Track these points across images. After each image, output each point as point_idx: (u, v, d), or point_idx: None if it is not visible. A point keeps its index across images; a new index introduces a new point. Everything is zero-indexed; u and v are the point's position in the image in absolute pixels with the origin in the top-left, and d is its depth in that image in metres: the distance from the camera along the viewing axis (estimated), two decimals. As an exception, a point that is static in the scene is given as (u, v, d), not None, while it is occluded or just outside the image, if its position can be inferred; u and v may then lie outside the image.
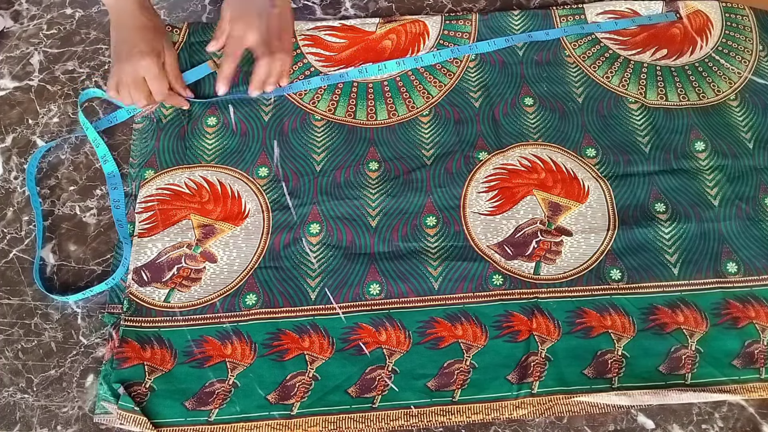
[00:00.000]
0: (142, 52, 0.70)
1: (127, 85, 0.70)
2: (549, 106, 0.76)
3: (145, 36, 0.71)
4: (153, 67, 0.70)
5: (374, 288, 0.65)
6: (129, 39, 0.71)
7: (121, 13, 0.72)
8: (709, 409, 0.60)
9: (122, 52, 0.71)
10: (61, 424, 0.59)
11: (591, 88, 0.78)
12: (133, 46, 0.70)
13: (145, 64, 0.70)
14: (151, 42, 0.71)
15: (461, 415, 0.59)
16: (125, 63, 0.70)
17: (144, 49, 0.70)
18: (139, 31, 0.71)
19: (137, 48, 0.70)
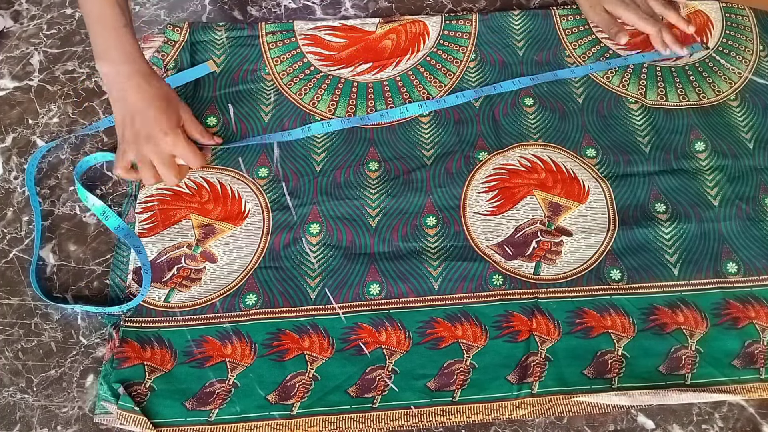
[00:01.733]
0: (164, 130, 0.64)
1: (150, 164, 0.65)
2: (549, 106, 0.76)
3: (160, 109, 0.65)
4: (180, 142, 0.64)
5: (374, 288, 0.65)
6: (142, 116, 0.64)
7: (118, 84, 0.65)
8: (709, 409, 0.60)
9: (137, 132, 0.64)
10: (61, 424, 0.59)
11: (591, 88, 0.78)
12: (150, 126, 0.64)
13: (171, 140, 0.64)
14: (168, 115, 0.65)
15: (461, 415, 0.59)
16: (144, 144, 0.64)
17: (165, 126, 0.64)
18: (152, 105, 0.64)
19: (157, 127, 0.64)
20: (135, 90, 0.64)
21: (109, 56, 0.64)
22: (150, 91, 0.65)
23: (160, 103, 0.65)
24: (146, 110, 0.64)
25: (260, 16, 0.85)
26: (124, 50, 0.64)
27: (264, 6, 0.86)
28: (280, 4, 0.86)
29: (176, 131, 0.65)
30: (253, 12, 0.85)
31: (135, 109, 0.64)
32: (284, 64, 0.80)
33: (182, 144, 0.65)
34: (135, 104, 0.64)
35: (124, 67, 0.64)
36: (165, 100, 0.66)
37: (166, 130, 0.64)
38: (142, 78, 0.65)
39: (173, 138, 0.64)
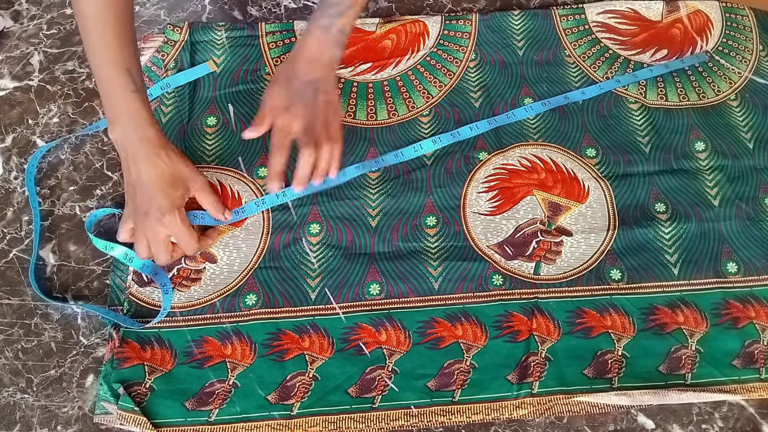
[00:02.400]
0: (161, 210, 0.62)
1: (144, 239, 0.63)
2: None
3: (160, 188, 0.62)
4: (176, 224, 0.62)
5: (374, 288, 0.65)
6: (142, 192, 0.62)
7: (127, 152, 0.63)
8: (709, 409, 0.60)
9: (137, 206, 0.63)
10: (61, 424, 0.59)
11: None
12: (151, 201, 0.62)
13: (167, 222, 0.62)
14: (169, 194, 0.63)
15: (461, 415, 0.59)
16: (141, 220, 0.62)
17: (163, 207, 0.62)
18: (154, 183, 0.62)
19: (155, 203, 0.62)
20: (141, 162, 0.62)
21: (119, 122, 0.63)
22: (155, 167, 0.63)
23: (162, 182, 0.63)
24: (147, 187, 0.62)
25: (260, 16, 0.85)
26: (132, 117, 0.62)
27: (264, 6, 0.86)
28: (280, 4, 0.86)
29: (173, 213, 0.62)
30: (253, 12, 0.85)
31: (137, 183, 0.63)
32: (284, 64, 0.80)
33: (178, 227, 0.62)
34: (137, 179, 0.63)
35: (133, 135, 0.62)
36: (169, 178, 0.63)
37: (164, 211, 0.62)
38: (151, 149, 0.63)
39: (169, 220, 0.62)
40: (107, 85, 0.62)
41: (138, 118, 0.62)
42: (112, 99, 0.62)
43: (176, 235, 0.63)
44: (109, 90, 0.62)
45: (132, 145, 0.63)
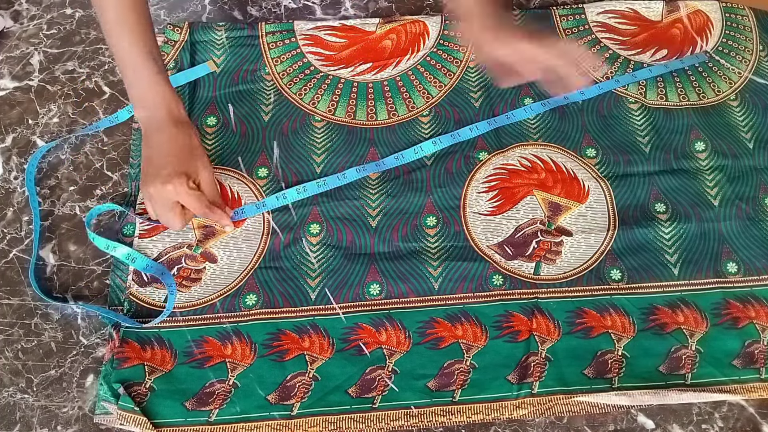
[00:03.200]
0: (169, 175, 0.62)
1: (159, 209, 0.64)
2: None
3: (174, 156, 0.63)
4: (181, 188, 0.62)
5: (374, 288, 0.65)
6: (155, 159, 0.63)
7: (151, 127, 0.65)
8: (709, 409, 0.60)
9: (148, 173, 0.63)
10: (61, 424, 0.59)
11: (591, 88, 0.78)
12: (160, 168, 0.63)
13: (173, 187, 0.62)
14: (178, 164, 0.63)
15: (461, 415, 0.59)
16: (150, 186, 0.63)
17: (170, 171, 0.62)
18: (170, 151, 0.64)
19: (164, 170, 0.62)
20: (163, 133, 0.64)
21: (144, 103, 0.65)
22: (175, 138, 0.64)
23: (177, 151, 0.64)
24: (162, 153, 0.63)
25: (260, 16, 0.85)
26: (158, 98, 0.64)
27: (264, 6, 0.86)
28: (280, 4, 0.86)
29: (181, 179, 0.62)
30: (253, 12, 0.85)
31: (153, 150, 0.64)
32: (284, 64, 0.80)
33: (186, 193, 0.63)
34: (154, 146, 0.64)
35: (159, 113, 0.64)
36: (186, 151, 0.64)
37: (173, 174, 0.62)
38: (174, 125, 0.64)
39: (176, 185, 0.62)
40: (131, 69, 0.64)
41: (164, 99, 0.64)
42: (137, 82, 0.64)
43: (185, 200, 0.63)
44: (134, 74, 0.64)
45: (156, 122, 0.64)
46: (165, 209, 0.64)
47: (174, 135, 0.64)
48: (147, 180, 0.64)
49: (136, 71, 0.64)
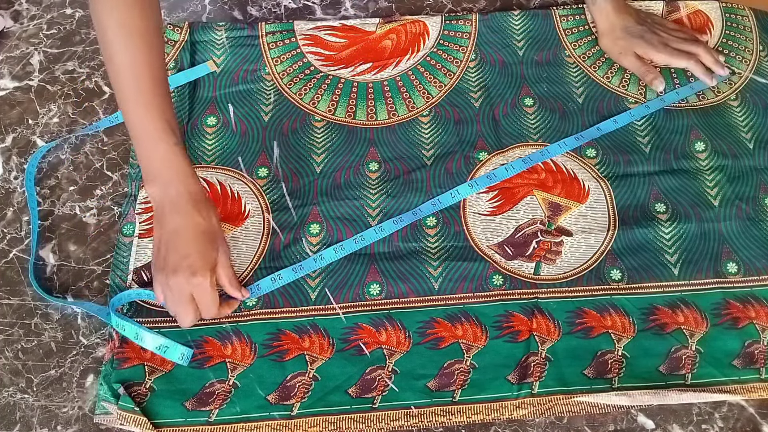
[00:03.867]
0: (193, 266, 0.58)
1: (174, 301, 0.60)
2: (549, 106, 0.76)
3: (195, 247, 0.59)
4: (204, 286, 0.58)
5: (374, 288, 0.65)
6: (173, 245, 0.59)
7: (165, 206, 0.59)
8: (709, 409, 0.60)
9: (166, 260, 0.59)
10: (61, 424, 0.59)
11: (591, 88, 0.78)
12: (181, 258, 0.58)
13: (196, 282, 0.58)
14: (202, 255, 0.59)
15: (461, 416, 0.59)
16: (171, 275, 0.58)
17: (193, 263, 0.58)
18: (189, 240, 0.59)
19: (188, 260, 0.58)
20: (179, 217, 0.59)
21: (159, 176, 0.60)
22: (194, 223, 0.59)
23: (197, 240, 0.59)
24: (181, 243, 0.59)
25: (260, 16, 0.85)
26: (175, 171, 0.59)
27: (264, 6, 0.86)
28: (280, 4, 0.86)
29: (206, 275, 0.58)
30: (253, 12, 0.85)
31: (170, 238, 0.59)
32: (284, 64, 0.80)
33: (206, 291, 0.59)
34: (171, 233, 0.59)
35: (174, 189, 0.59)
36: (205, 237, 0.60)
37: (196, 270, 0.58)
38: (192, 204, 0.59)
39: (200, 281, 0.58)
40: (146, 138, 0.59)
41: (181, 172, 0.60)
42: (152, 152, 0.59)
43: (201, 297, 0.59)
44: (149, 143, 0.59)
45: (171, 200, 0.59)
46: (181, 302, 0.59)
47: (193, 217, 0.59)
48: (165, 268, 0.58)
49: (152, 142, 0.58)
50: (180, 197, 0.59)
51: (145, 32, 0.57)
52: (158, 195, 0.60)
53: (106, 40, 0.57)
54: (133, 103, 0.58)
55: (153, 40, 0.58)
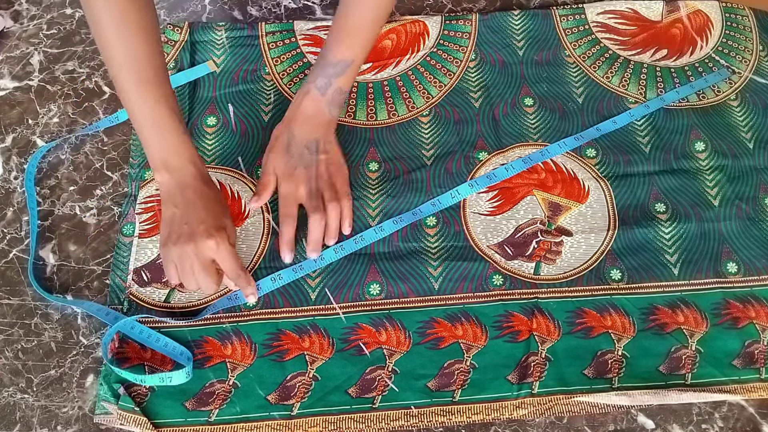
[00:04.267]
0: (208, 229, 0.58)
1: (192, 269, 0.59)
2: (549, 106, 0.77)
3: (207, 209, 0.59)
4: (223, 243, 0.59)
5: (374, 288, 0.65)
6: (185, 216, 0.59)
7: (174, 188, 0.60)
8: (709, 409, 0.60)
9: (178, 232, 0.58)
10: (61, 424, 0.59)
11: (591, 88, 0.78)
12: (195, 224, 0.58)
13: (213, 243, 0.58)
14: (216, 218, 0.59)
15: (461, 415, 0.59)
16: (186, 243, 0.58)
17: (210, 225, 0.58)
18: (201, 205, 0.59)
19: (202, 226, 0.58)
20: (190, 190, 0.60)
21: (169, 166, 0.60)
22: (205, 193, 0.60)
23: (210, 204, 0.60)
24: (195, 209, 0.59)
25: (260, 16, 0.85)
26: (185, 158, 0.60)
27: (264, 6, 0.86)
28: (280, 4, 0.86)
29: (222, 234, 0.59)
30: (253, 12, 0.85)
31: (180, 209, 0.59)
32: (284, 64, 0.80)
33: (225, 248, 0.59)
34: (182, 204, 0.59)
35: (182, 174, 0.60)
36: (219, 207, 0.61)
37: (211, 231, 0.58)
38: (202, 182, 0.61)
39: (217, 240, 0.58)
40: (154, 128, 0.59)
41: (191, 159, 0.60)
42: (161, 142, 0.59)
43: (222, 257, 0.59)
44: (157, 133, 0.59)
45: (182, 181, 0.60)
46: (199, 269, 0.59)
47: (205, 191, 0.60)
48: (177, 238, 0.59)
49: (160, 132, 0.59)
50: (192, 178, 0.60)
51: (142, 24, 0.58)
52: (169, 180, 0.60)
53: (103, 35, 0.57)
54: (137, 93, 0.58)
55: (150, 31, 0.58)
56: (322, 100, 0.67)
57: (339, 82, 0.67)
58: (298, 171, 0.67)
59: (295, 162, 0.67)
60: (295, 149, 0.67)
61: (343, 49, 0.66)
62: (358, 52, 0.67)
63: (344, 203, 0.67)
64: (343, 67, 0.66)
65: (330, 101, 0.68)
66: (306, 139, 0.67)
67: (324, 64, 0.67)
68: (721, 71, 0.79)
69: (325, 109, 0.68)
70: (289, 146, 0.67)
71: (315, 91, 0.67)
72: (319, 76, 0.68)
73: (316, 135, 0.67)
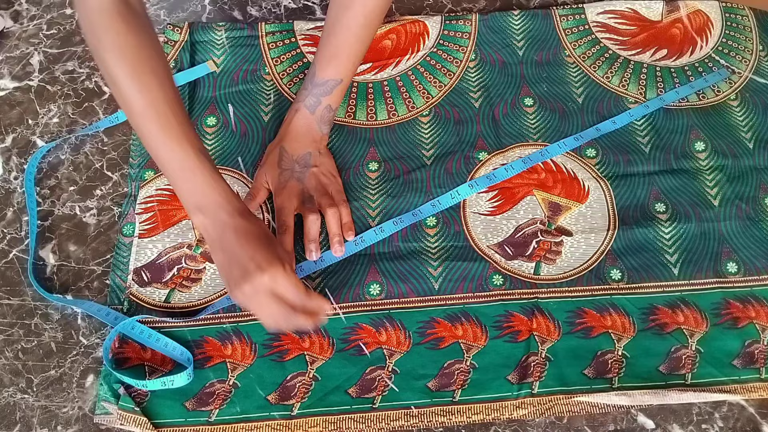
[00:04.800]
0: (259, 264, 0.55)
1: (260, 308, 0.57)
2: (549, 106, 0.77)
3: (254, 245, 0.56)
4: (278, 273, 0.55)
5: (374, 288, 0.65)
6: (235, 258, 0.56)
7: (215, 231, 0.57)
8: (709, 409, 0.60)
9: (234, 276, 0.56)
10: (61, 424, 0.59)
11: (591, 88, 0.78)
12: (246, 263, 0.55)
13: (268, 276, 0.55)
14: (265, 251, 0.56)
15: (461, 416, 0.59)
16: (246, 284, 0.55)
17: (260, 260, 0.55)
18: (247, 243, 0.56)
19: (252, 263, 0.55)
20: (230, 231, 0.57)
21: (204, 206, 0.57)
22: (247, 229, 0.57)
23: (253, 238, 0.57)
24: (241, 249, 0.56)
25: (260, 16, 0.85)
26: (219, 199, 0.57)
27: (264, 6, 0.86)
28: (280, 4, 0.86)
29: (275, 265, 0.55)
30: (253, 12, 0.85)
31: (227, 253, 0.57)
32: (284, 64, 0.80)
33: (282, 277, 0.55)
34: (228, 247, 0.57)
35: (217, 214, 0.57)
36: (264, 239, 0.57)
37: (263, 265, 0.55)
38: (237, 218, 0.57)
39: (271, 273, 0.55)
40: (183, 171, 0.57)
41: (225, 199, 0.57)
42: (192, 184, 0.57)
43: (283, 288, 0.56)
44: (187, 176, 0.57)
45: (222, 223, 0.57)
46: (265, 306, 0.56)
47: (245, 227, 0.57)
48: (236, 282, 0.56)
49: (190, 174, 0.57)
50: (228, 216, 0.57)
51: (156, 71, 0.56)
52: (208, 223, 0.58)
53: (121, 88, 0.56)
54: (161, 140, 0.57)
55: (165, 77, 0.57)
56: (312, 118, 0.70)
57: (328, 101, 0.69)
58: (290, 183, 0.68)
59: (287, 175, 0.68)
60: (287, 164, 0.68)
61: (330, 69, 0.68)
62: (345, 71, 0.69)
63: (342, 209, 0.68)
64: (331, 87, 0.68)
65: (320, 119, 0.70)
66: (297, 154, 0.69)
67: (313, 83, 0.69)
68: (720, 71, 0.79)
69: (316, 126, 0.70)
70: (281, 160, 0.69)
71: (304, 110, 0.70)
72: (309, 95, 0.70)
73: (308, 149, 0.69)
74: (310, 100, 0.69)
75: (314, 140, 0.70)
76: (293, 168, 0.68)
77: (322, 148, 0.70)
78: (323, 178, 0.69)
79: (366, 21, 0.66)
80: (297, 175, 0.68)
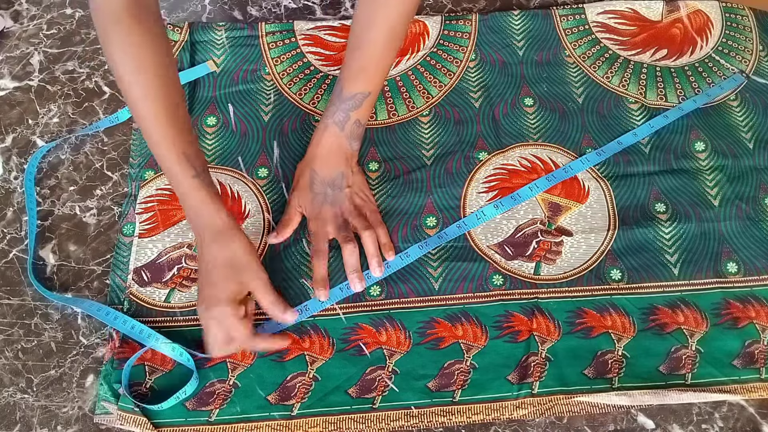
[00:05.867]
0: (212, 298, 0.59)
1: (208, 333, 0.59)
2: (549, 106, 0.77)
3: (220, 276, 0.59)
4: (225, 315, 0.58)
5: (374, 288, 0.65)
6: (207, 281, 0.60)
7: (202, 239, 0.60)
8: (709, 409, 0.60)
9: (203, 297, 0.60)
10: (61, 424, 0.59)
11: (591, 88, 0.78)
12: (211, 291, 0.59)
13: (217, 313, 0.58)
14: (227, 283, 0.59)
15: (461, 416, 0.59)
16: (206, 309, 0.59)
17: (216, 294, 0.59)
18: (214, 270, 0.59)
19: (214, 293, 0.59)
20: (203, 250, 0.60)
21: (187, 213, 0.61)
22: (217, 255, 0.59)
23: (222, 270, 0.59)
24: (209, 274, 0.59)
25: (260, 16, 0.85)
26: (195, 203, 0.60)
27: (264, 6, 0.86)
28: (280, 4, 0.86)
29: (230, 302, 0.58)
30: (253, 12, 0.85)
31: (202, 273, 0.60)
32: (284, 64, 0.80)
33: (230, 319, 0.58)
34: (203, 268, 0.60)
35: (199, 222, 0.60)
36: (229, 267, 0.59)
37: (213, 302, 0.58)
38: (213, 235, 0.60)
39: (219, 311, 0.58)
40: (169, 172, 0.59)
41: (200, 204, 0.59)
42: (177, 188, 0.60)
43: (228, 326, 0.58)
44: (171, 177, 0.59)
45: (200, 233, 0.61)
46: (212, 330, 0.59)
47: (211, 251, 0.60)
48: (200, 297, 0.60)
49: (173, 174, 0.59)
50: (204, 230, 0.60)
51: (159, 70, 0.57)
52: (193, 228, 0.62)
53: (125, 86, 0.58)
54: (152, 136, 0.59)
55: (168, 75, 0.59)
56: (342, 135, 0.67)
57: (356, 115, 0.67)
58: (324, 209, 0.66)
59: (321, 200, 0.67)
60: (319, 187, 0.67)
61: (359, 83, 0.66)
62: (373, 84, 0.67)
63: (379, 231, 0.67)
64: (360, 100, 0.66)
65: (350, 135, 0.67)
66: (329, 176, 0.67)
67: (340, 99, 0.67)
68: (735, 77, 0.79)
69: (346, 143, 0.68)
70: (313, 184, 0.67)
71: (334, 127, 0.67)
72: (337, 111, 0.67)
73: (339, 169, 0.67)
74: (339, 116, 0.67)
75: (346, 158, 0.68)
76: (326, 192, 0.67)
77: (354, 166, 0.69)
78: (357, 200, 0.68)
79: (392, 34, 0.64)
80: (330, 199, 0.67)
